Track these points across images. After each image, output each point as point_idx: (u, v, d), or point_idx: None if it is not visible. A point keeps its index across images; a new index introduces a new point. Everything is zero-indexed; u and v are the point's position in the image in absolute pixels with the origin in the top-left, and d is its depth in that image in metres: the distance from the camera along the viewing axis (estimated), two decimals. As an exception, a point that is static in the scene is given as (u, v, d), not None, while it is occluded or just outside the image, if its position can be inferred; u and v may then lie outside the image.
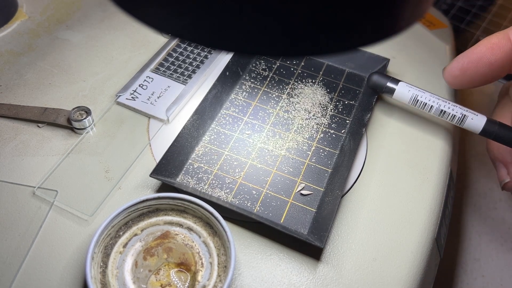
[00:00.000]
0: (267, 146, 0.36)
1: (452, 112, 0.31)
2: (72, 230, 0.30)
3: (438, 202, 0.34)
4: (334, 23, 0.13)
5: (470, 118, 0.31)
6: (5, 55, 0.41)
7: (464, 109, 0.32)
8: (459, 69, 0.32)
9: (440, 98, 0.32)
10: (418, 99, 0.32)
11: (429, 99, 0.32)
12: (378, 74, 0.35)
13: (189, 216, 0.30)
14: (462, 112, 0.31)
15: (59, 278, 0.28)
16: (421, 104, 0.32)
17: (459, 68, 0.32)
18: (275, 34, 0.13)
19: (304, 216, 0.32)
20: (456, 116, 0.31)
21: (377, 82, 0.35)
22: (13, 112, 0.36)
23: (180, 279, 0.28)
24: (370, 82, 0.35)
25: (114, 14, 0.46)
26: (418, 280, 0.30)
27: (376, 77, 0.35)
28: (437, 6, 0.63)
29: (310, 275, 0.29)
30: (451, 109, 0.32)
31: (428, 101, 0.32)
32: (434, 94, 0.33)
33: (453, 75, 0.32)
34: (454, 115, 0.31)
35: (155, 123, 0.37)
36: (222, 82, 0.38)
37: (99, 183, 0.32)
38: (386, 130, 0.38)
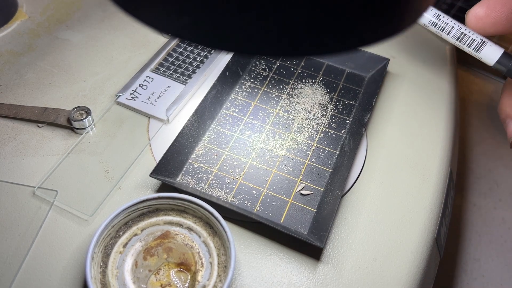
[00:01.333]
0: (267, 146, 0.36)
1: (472, 36, 0.31)
2: (72, 230, 0.30)
3: (438, 202, 0.34)
4: (334, 23, 0.13)
5: (489, 45, 0.30)
6: (5, 55, 0.41)
7: (484, 37, 0.31)
8: (484, 11, 0.31)
9: (461, 23, 0.32)
10: (438, 22, 0.32)
11: (450, 20, 0.32)
12: None
13: (189, 216, 0.30)
14: (482, 38, 0.31)
15: (59, 278, 0.28)
16: (440, 27, 0.32)
17: (484, 10, 0.31)
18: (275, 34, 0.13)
19: (304, 216, 0.32)
20: (475, 41, 0.31)
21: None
22: (13, 112, 0.36)
23: (180, 279, 0.28)
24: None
25: (114, 14, 0.46)
26: (418, 280, 0.30)
27: None
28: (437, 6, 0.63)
29: (310, 275, 0.29)
30: (471, 33, 0.31)
31: (450, 22, 0.32)
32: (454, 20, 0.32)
33: (477, 17, 0.31)
34: (473, 39, 0.31)
35: (155, 123, 0.37)
36: (222, 82, 0.38)
37: (99, 183, 0.32)
38: (386, 130, 0.38)
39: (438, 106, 0.41)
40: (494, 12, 0.31)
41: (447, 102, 0.41)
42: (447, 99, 0.41)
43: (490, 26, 0.31)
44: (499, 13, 0.31)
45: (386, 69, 0.41)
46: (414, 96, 0.42)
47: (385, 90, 0.42)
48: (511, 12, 0.30)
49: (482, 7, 0.31)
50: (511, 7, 0.30)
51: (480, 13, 0.31)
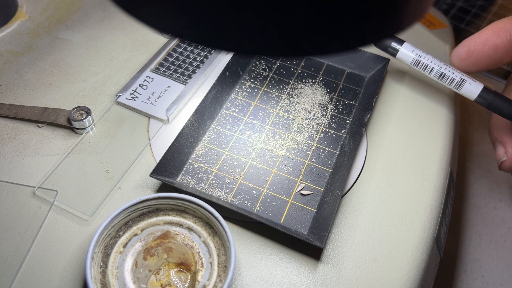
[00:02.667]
0: (267, 146, 0.36)
1: (452, 76, 0.33)
2: (72, 230, 0.30)
3: (438, 202, 0.34)
4: (334, 23, 0.13)
5: (468, 83, 0.32)
6: (5, 55, 0.41)
7: (464, 74, 0.33)
8: (466, 52, 0.33)
9: (442, 62, 0.34)
10: (420, 61, 0.33)
11: (431, 61, 0.33)
12: None
13: (189, 216, 0.30)
14: (461, 77, 0.32)
15: (59, 278, 0.28)
16: (422, 65, 0.34)
17: (465, 50, 0.33)
18: (275, 34, 0.13)
19: (304, 216, 0.32)
20: (454, 80, 0.33)
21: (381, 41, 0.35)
22: (13, 112, 0.36)
23: (180, 279, 0.28)
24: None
25: (114, 14, 0.46)
26: (418, 280, 0.30)
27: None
28: (437, 6, 0.63)
29: (310, 275, 0.29)
30: (451, 73, 0.33)
31: (430, 62, 0.34)
32: (436, 58, 0.34)
33: (459, 58, 0.33)
34: (453, 78, 0.33)
35: (155, 123, 0.37)
36: (222, 82, 0.38)
37: (99, 183, 0.32)
38: (386, 130, 0.38)
39: (438, 106, 0.41)
40: (475, 53, 0.33)
41: (447, 102, 0.41)
42: (447, 99, 0.41)
43: (472, 65, 0.33)
44: (479, 53, 0.32)
45: (386, 69, 0.41)
46: (414, 96, 0.42)
47: (385, 90, 0.42)
48: (492, 51, 0.32)
49: (463, 48, 0.33)
50: (491, 46, 0.32)
51: (462, 54, 0.33)
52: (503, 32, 0.31)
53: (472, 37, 0.33)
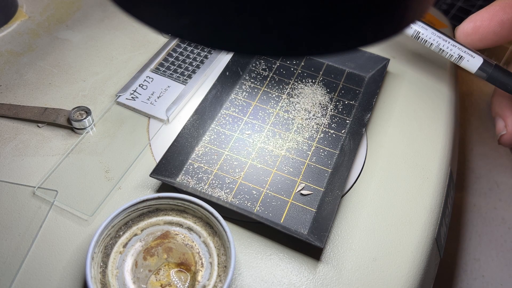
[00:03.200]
0: (267, 146, 0.36)
1: (450, 52, 0.32)
2: (72, 230, 0.30)
3: (438, 202, 0.34)
4: (334, 23, 0.13)
5: (466, 60, 0.32)
6: (5, 55, 0.41)
7: (463, 49, 0.33)
8: (472, 27, 0.32)
9: (442, 35, 0.33)
10: (420, 36, 0.33)
11: (430, 37, 0.33)
12: None
13: (189, 216, 0.30)
14: (459, 53, 0.32)
15: (59, 278, 0.28)
16: (422, 40, 0.33)
17: (471, 26, 0.32)
18: (275, 34, 0.13)
19: (304, 216, 0.32)
20: (453, 56, 0.32)
21: None
22: (13, 112, 0.36)
23: (180, 279, 0.28)
24: None
25: (114, 14, 0.46)
26: (418, 280, 0.30)
27: None
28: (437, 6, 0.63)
29: (310, 275, 0.29)
30: (449, 49, 0.32)
31: (429, 38, 0.33)
32: (437, 31, 0.34)
33: (465, 33, 0.33)
34: (451, 54, 0.32)
35: (155, 123, 0.37)
36: (222, 82, 0.38)
37: (99, 183, 0.32)
38: (386, 130, 0.38)
39: (438, 106, 0.41)
40: (481, 28, 0.32)
41: (447, 102, 0.41)
42: (447, 99, 0.41)
43: (478, 41, 0.33)
44: (486, 29, 0.32)
45: (386, 69, 0.41)
46: (414, 96, 0.42)
47: (385, 90, 0.42)
48: (498, 26, 0.31)
49: (469, 23, 0.32)
50: (498, 21, 0.31)
51: (468, 30, 0.33)
52: (510, 7, 0.31)
53: (478, 12, 0.32)
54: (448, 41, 0.33)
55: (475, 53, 0.32)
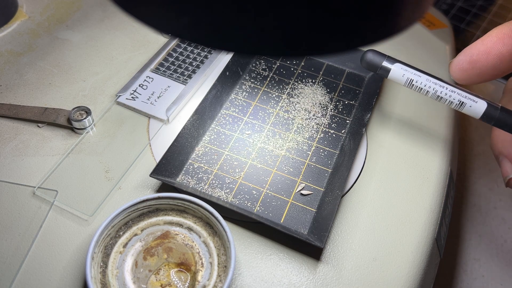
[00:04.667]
0: (267, 146, 0.36)
1: (449, 99, 0.29)
2: (72, 230, 0.30)
3: (438, 202, 0.34)
4: (334, 23, 0.13)
5: (469, 105, 0.29)
6: (5, 55, 0.41)
7: (463, 94, 0.30)
8: (468, 62, 0.29)
9: (438, 81, 0.30)
10: (414, 84, 0.30)
11: (425, 84, 0.30)
12: (373, 52, 0.32)
13: (189, 216, 0.30)
14: (460, 99, 0.29)
15: (59, 278, 0.28)
16: (416, 88, 0.30)
17: (467, 60, 0.29)
18: (275, 34, 0.13)
19: (304, 216, 0.32)
20: (453, 103, 0.29)
21: (372, 61, 0.31)
22: (13, 112, 0.36)
23: (180, 279, 0.28)
24: (364, 60, 0.32)
25: (114, 14, 0.46)
26: (418, 280, 0.30)
27: (371, 55, 0.31)
28: (437, 6, 0.63)
29: (310, 275, 0.29)
30: (448, 95, 0.30)
31: (424, 86, 0.30)
32: (432, 77, 0.31)
33: (461, 68, 0.29)
34: (451, 101, 0.29)
35: (155, 123, 0.37)
36: (222, 82, 0.38)
37: (99, 183, 0.32)
38: (386, 130, 0.38)
39: (438, 106, 0.41)
40: (478, 63, 0.29)
41: (447, 102, 0.41)
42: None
43: (476, 77, 0.30)
44: (484, 63, 0.29)
45: (386, 69, 0.41)
46: (414, 96, 0.42)
47: (385, 90, 0.42)
48: (498, 60, 0.29)
49: (465, 58, 0.29)
50: (496, 54, 0.28)
51: (464, 65, 0.30)
52: (509, 39, 0.28)
53: (474, 45, 0.29)
54: (446, 87, 0.30)
55: (477, 97, 0.29)
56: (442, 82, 0.30)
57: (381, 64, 0.31)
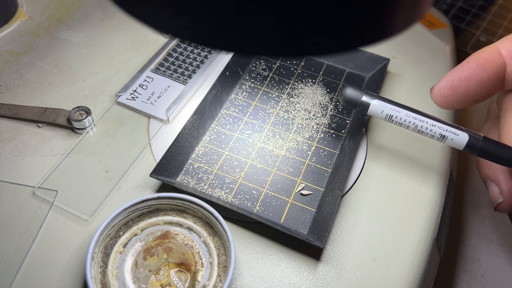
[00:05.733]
0: (267, 146, 0.36)
1: (430, 133, 0.29)
2: (72, 230, 0.30)
3: (438, 202, 0.34)
4: (334, 23, 0.13)
5: (450, 138, 0.29)
6: (5, 55, 0.41)
7: (444, 128, 0.29)
8: (449, 88, 0.29)
9: (418, 116, 0.30)
10: (393, 119, 0.30)
11: (404, 119, 0.30)
12: (352, 88, 0.31)
13: (189, 216, 0.30)
14: (441, 133, 0.29)
15: (59, 278, 0.28)
16: (396, 123, 0.30)
17: (448, 86, 0.29)
18: (275, 34, 0.13)
19: (304, 216, 0.32)
20: (435, 136, 0.29)
21: (351, 97, 0.31)
22: (13, 112, 0.36)
23: (180, 279, 0.28)
24: (342, 96, 0.31)
25: (114, 14, 0.46)
26: (418, 280, 0.30)
27: (350, 91, 0.31)
28: (437, 6, 0.63)
29: (310, 275, 0.29)
30: (429, 130, 0.29)
31: (404, 121, 0.30)
32: (412, 111, 0.30)
33: (442, 95, 0.29)
34: (432, 135, 0.29)
35: (155, 123, 0.37)
36: (222, 82, 0.38)
37: (99, 183, 0.32)
38: (386, 130, 0.38)
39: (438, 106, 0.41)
40: (459, 89, 0.29)
41: (447, 102, 0.41)
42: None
43: (457, 103, 0.29)
44: (465, 89, 0.29)
45: (386, 69, 0.41)
46: (414, 96, 0.42)
47: (385, 90, 0.42)
48: (479, 86, 0.28)
49: (446, 84, 0.29)
50: (477, 80, 0.28)
51: (445, 92, 0.29)
52: (489, 64, 0.28)
53: (454, 70, 0.29)
54: (426, 121, 0.30)
55: (458, 130, 0.29)
56: (422, 116, 0.30)
57: (360, 100, 0.31)
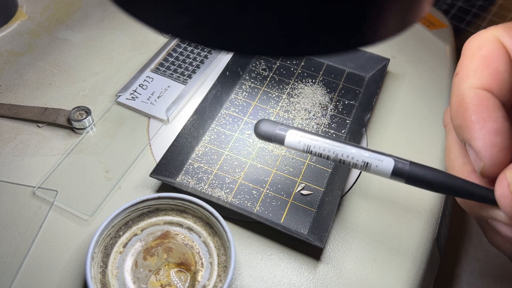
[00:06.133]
0: (267, 146, 0.36)
1: (352, 161, 0.27)
2: (72, 230, 0.30)
3: (438, 202, 0.34)
4: (334, 23, 0.13)
5: (375, 165, 0.27)
6: (5, 55, 0.41)
7: (366, 154, 0.27)
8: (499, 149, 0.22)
9: (338, 143, 0.27)
10: (312, 150, 0.28)
11: (323, 148, 0.27)
12: (265, 121, 0.30)
13: (189, 216, 0.30)
14: (364, 160, 0.27)
15: (59, 278, 0.28)
16: (316, 153, 0.28)
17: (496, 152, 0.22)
18: (275, 34, 0.13)
19: (304, 216, 0.32)
20: (358, 165, 0.27)
21: (265, 131, 0.29)
22: (13, 112, 0.36)
23: (180, 279, 0.28)
24: (257, 131, 0.30)
25: (114, 14, 0.46)
26: (418, 280, 0.30)
27: (263, 125, 0.29)
28: (437, 6, 0.63)
29: (310, 275, 0.29)
30: (351, 158, 0.27)
31: (323, 150, 0.27)
32: (331, 139, 0.28)
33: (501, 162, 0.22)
34: (355, 163, 0.27)
35: (155, 123, 0.37)
36: (222, 82, 0.38)
37: (99, 183, 0.32)
38: (386, 130, 0.38)
39: (438, 106, 0.41)
40: (504, 138, 0.22)
41: (447, 102, 0.41)
42: (446, 99, 0.41)
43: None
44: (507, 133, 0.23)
45: (386, 69, 0.41)
46: (414, 96, 0.42)
47: (385, 90, 0.42)
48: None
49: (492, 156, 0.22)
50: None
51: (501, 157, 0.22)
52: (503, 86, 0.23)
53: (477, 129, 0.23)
54: (347, 148, 0.27)
55: (383, 156, 0.27)
56: (342, 144, 0.28)
57: (275, 133, 0.29)
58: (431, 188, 0.25)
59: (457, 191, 0.24)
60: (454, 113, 0.24)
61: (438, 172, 0.25)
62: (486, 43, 0.24)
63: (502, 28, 0.24)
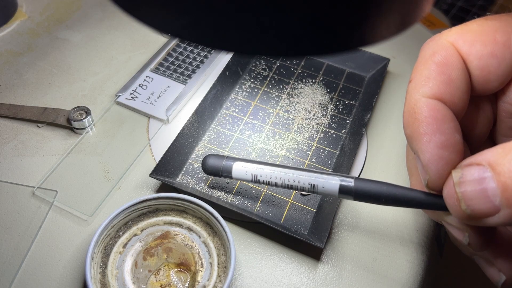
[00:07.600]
0: (267, 146, 0.36)
1: (299, 184, 0.27)
2: (72, 230, 0.30)
3: (438, 202, 0.34)
4: (334, 23, 0.13)
5: (321, 186, 0.27)
6: (5, 55, 0.41)
7: (312, 176, 0.27)
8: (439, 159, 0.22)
9: (284, 169, 0.28)
10: (259, 179, 0.28)
11: (270, 176, 0.28)
12: (211, 156, 0.30)
13: (189, 216, 0.30)
14: (310, 182, 0.27)
15: (59, 278, 0.28)
16: (264, 181, 0.28)
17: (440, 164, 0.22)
18: (275, 34, 0.13)
19: (304, 216, 0.32)
20: (305, 188, 0.27)
21: (212, 165, 0.30)
22: (13, 112, 0.36)
23: (180, 279, 0.28)
24: (205, 166, 0.30)
25: (114, 14, 0.46)
26: (418, 280, 0.30)
27: (210, 160, 0.30)
28: (437, 6, 0.63)
29: (310, 275, 0.29)
30: (297, 181, 0.27)
31: (270, 178, 0.28)
32: (276, 166, 0.29)
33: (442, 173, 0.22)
34: (302, 187, 0.27)
35: (155, 123, 0.37)
36: (222, 82, 0.38)
37: (99, 183, 0.32)
38: (386, 130, 0.38)
39: (438, 106, 0.41)
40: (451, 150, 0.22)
41: (447, 102, 0.41)
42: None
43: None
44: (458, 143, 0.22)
45: (386, 69, 0.41)
46: (414, 96, 0.41)
47: (385, 90, 0.42)
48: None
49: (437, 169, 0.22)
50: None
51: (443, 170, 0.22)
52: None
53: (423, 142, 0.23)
54: (292, 173, 0.28)
55: (329, 175, 0.27)
56: (288, 169, 0.28)
57: (221, 166, 0.30)
58: (379, 202, 0.25)
59: (405, 202, 0.24)
60: (405, 122, 0.24)
61: (384, 185, 0.25)
62: (440, 49, 0.23)
63: (456, 33, 0.23)
